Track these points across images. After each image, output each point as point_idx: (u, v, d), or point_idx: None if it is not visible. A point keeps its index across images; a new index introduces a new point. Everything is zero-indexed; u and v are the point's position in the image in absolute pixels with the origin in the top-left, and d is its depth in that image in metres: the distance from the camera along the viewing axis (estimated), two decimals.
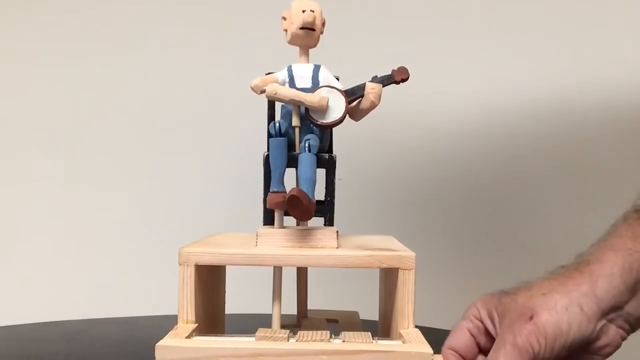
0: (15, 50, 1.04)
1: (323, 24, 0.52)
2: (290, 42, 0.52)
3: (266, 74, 0.52)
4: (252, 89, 0.50)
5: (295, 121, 0.50)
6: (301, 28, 0.50)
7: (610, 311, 0.45)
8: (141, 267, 1.02)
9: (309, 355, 0.42)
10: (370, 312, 0.64)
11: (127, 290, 1.00)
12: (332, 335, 0.45)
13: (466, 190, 1.02)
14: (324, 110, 0.49)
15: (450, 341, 0.48)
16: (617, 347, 0.46)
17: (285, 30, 0.52)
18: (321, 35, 0.52)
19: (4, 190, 1.04)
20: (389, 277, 0.53)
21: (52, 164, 1.04)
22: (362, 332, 0.46)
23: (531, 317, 0.44)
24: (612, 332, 0.45)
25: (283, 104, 0.52)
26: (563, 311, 0.44)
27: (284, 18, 0.52)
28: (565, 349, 0.44)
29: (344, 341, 0.44)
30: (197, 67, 1.03)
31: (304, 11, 0.50)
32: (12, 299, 1.00)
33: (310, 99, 0.49)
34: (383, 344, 0.44)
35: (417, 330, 0.47)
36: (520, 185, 1.02)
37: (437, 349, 0.44)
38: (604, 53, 1.00)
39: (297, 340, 0.44)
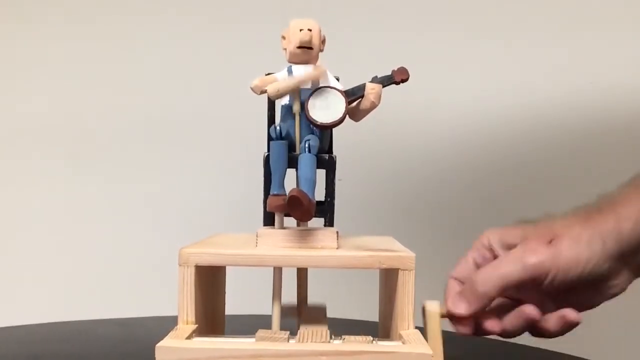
0: (16, 51, 1.04)
1: (323, 42, 0.52)
2: (290, 61, 0.53)
3: (266, 75, 0.52)
4: (252, 89, 0.50)
5: (296, 107, 0.50)
6: (298, 47, 0.51)
7: (628, 254, 0.44)
8: (141, 267, 1.02)
9: (309, 356, 0.42)
10: (370, 312, 0.64)
11: (127, 290, 1.00)
12: (332, 336, 0.45)
13: (466, 190, 1.02)
14: (324, 78, 0.49)
15: (455, 271, 0.49)
16: (623, 290, 0.46)
17: (285, 50, 0.52)
18: (320, 52, 0.53)
19: (4, 190, 1.04)
20: (389, 278, 0.53)
21: (52, 164, 1.04)
22: (363, 336, 0.46)
23: (551, 241, 0.43)
24: (624, 274, 0.45)
25: (283, 103, 0.52)
26: (585, 244, 0.43)
27: (283, 37, 0.52)
28: (576, 282, 0.43)
29: (344, 342, 0.44)
30: (197, 68, 1.03)
31: (300, 30, 0.50)
32: (13, 300, 1.00)
33: (310, 74, 0.49)
34: (383, 345, 0.43)
35: (417, 331, 0.47)
36: (520, 185, 1.02)
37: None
38: (605, 54, 1.00)
39: (297, 341, 0.44)
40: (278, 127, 0.50)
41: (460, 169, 1.02)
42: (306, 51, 0.51)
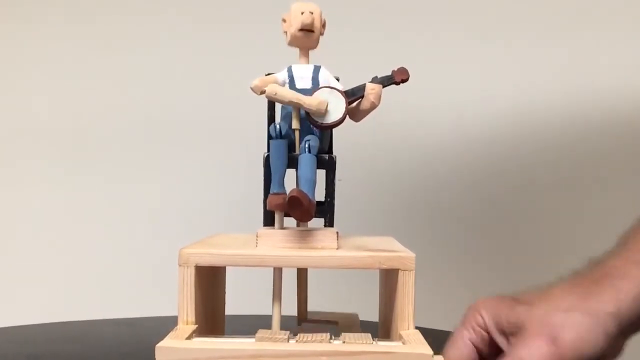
0: (16, 51, 1.04)
1: (323, 25, 0.52)
2: (290, 44, 0.52)
3: (266, 75, 0.52)
4: (252, 89, 0.50)
5: (295, 124, 0.50)
6: (300, 30, 0.51)
7: (628, 328, 0.43)
8: (141, 267, 1.02)
9: (309, 356, 0.42)
10: (370, 313, 0.64)
11: (127, 291, 1.00)
12: (332, 337, 0.45)
13: (466, 190, 1.02)
14: (322, 113, 0.49)
15: (451, 354, 0.45)
16: (620, 355, 0.45)
17: (285, 33, 0.52)
18: (321, 36, 0.52)
19: (4, 190, 1.04)
20: (389, 278, 0.53)
21: (52, 164, 1.04)
22: (362, 333, 0.46)
23: (554, 338, 0.41)
24: (620, 342, 0.44)
25: (283, 104, 0.52)
26: (587, 333, 0.41)
27: (284, 20, 0.52)
28: None
29: (344, 342, 0.44)
30: (197, 68, 1.03)
31: (302, 13, 0.50)
32: (13, 300, 1.00)
33: (309, 102, 0.48)
34: (383, 345, 0.43)
35: (417, 331, 0.47)
36: (520, 186, 1.02)
37: (437, 350, 0.44)
38: (605, 54, 1.00)
39: (297, 342, 0.44)
40: (278, 126, 0.50)
41: (460, 169, 1.02)
42: (307, 34, 0.51)
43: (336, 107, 0.49)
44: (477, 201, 1.02)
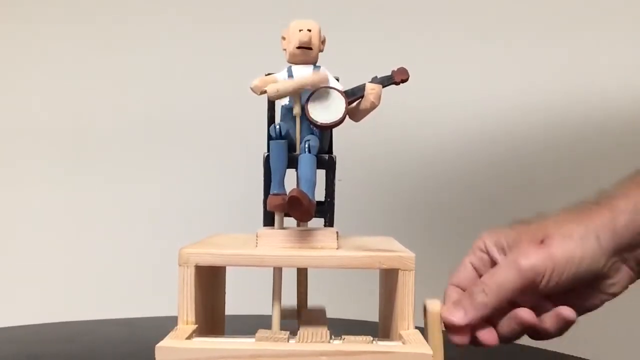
0: (15, 51, 1.04)
1: (323, 42, 0.52)
2: (289, 62, 0.53)
3: (266, 75, 0.52)
4: (252, 89, 0.50)
5: (296, 109, 0.50)
6: (298, 47, 0.51)
7: (625, 249, 0.43)
8: (141, 268, 1.02)
9: (309, 356, 0.42)
10: (370, 313, 0.64)
11: (127, 291, 1.00)
12: (332, 336, 0.45)
13: (466, 190, 1.02)
14: (325, 82, 0.49)
15: (453, 278, 0.48)
16: (625, 288, 0.44)
17: (285, 50, 0.52)
18: (320, 53, 0.53)
19: (4, 190, 1.04)
20: (389, 278, 0.53)
21: (52, 164, 1.04)
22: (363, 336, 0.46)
23: (542, 241, 0.42)
24: (623, 271, 0.44)
25: (283, 104, 0.52)
26: (578, 240, 0.42)
27: (283, 38, 0.52)
28: (573, 280, 0.42)
29: (344, 342, 0.44)
30: (197, 68, 1.03)
31: (300, 30, 0.50)
32: (13, 300, 1.00)
33: (311, 78, 0.49)
34: (383, 345, 0.43)
35: (417, 331, 0.47)
36: (520, 186, 1.02)
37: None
38: (605, 54, 1.00)
39: (297, 342, 0.44)
40: (278, 126, 0.50)
41: (460, 169, 1.02)
42: (305, 51, 0.51)
43: (336, 107, 0.49)
44: (477, 201, 1.02)
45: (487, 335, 0.46)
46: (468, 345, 0.47)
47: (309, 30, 0.51)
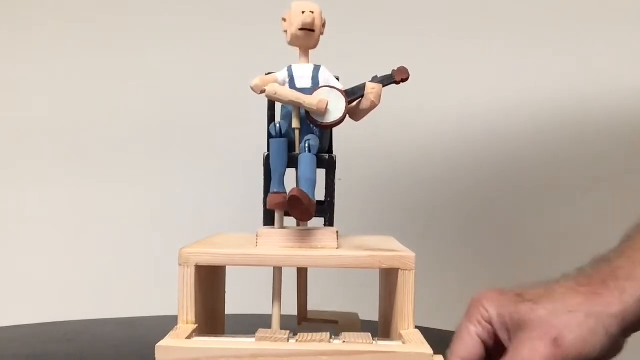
0: (16, 53, 1.04)
1: (323, 25, 0.52)
2: (290, 44, 0.52)
3: (266, 74, 0.52)
4: (252, 89, 0.50)
5: (295, 123, 0.50)
6: (300, 29, 0.50)
7: (630, 329, 0.43)
8: (141, 267, 1.02)
9: (309, 356, 0.42)
10: (370, 312, 0.64)
11: (127, 290, 1.00)
12: (332, 336, 0.45)
13: (466, 190, 1.02)
14: (322, 113, 0.49)
15: (460, 350, 0.44)
16: (620, 352, 0.44)
17: (285, 32, 0.52)
18: (321, 35, 0.52)
19: (4, 190, 1.04)
20: (389, 278, 0.53)
21: (53, 164, 1.04)
22: (362, 333, 0.46)
23: (555, 339, 0.41)
24: (621, 341, 0.43)
25: (283, 104, 0.52)
26: (589, 335, 0.41)
27: (284, 19, 0.52)
28: None
29: (344, 342, 0.44)
30: (197, 68, 1.03)
31: (303, 12, 0.50)
32: (13, 300, 1.00)
33: (309, 101, 0.48)
34: (383, 345, 0.43)
35: (417, 330, 0.47)
36: (520, 186, 1.02)
37: (437, 350, 0.44)
38: (605, 54, 1.00)
39: (297, 341, 0.44)
40: (278, 125, 0.50)
41: (460, 169, 1.02)
42: (308, 33, 0.51)
43: (336, 107, 0.49)
44: (477, 201, 1.02)
45: None
46: None
47: (312, 12, 0.50)
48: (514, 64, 1.01)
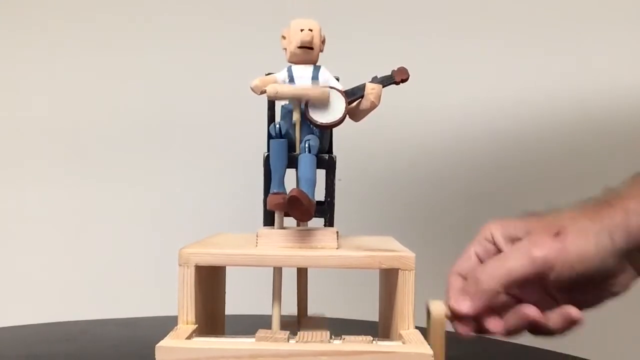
0: (16, 53, 1.04)
1: (323, 42, 0.52)
2: (290, 61, 0.53)
3: (266, 75, 0.52)
4: (252, 89, 0.50)
5: (296, 116, 0.50)
6: (299, 47, 0.51)
7: (635, 249, 0.43)
8: (141, 267, 1.02)
9: (309, 356, 0.42)
10: (370, 312, 0.64)
11: (127, 291, 1.00)
12: (332, 336, 0.45)
13: (466, 190, 1.02)
14: (326, 102, 0.49)
15: (456, 266, 0.47)
16: (627, 288, 0.44)
17: (285, 49, 0.52)
18: (320, 53, 0.52)
19: (4, 190, 1.04)
20: (389, 278, 0.53)
21: (53, 164, 1.04)
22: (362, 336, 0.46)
23: (557, 234, 0.41)
24: (627, 272, 0.43)
25: (283, 104, 0.52)
26: (592, 238, 0.41)
27: (283, 37, 0.52)
28: (582, 277, 0.42)
29: (344, 342, 0.44)
30: (197, 68, 1.03)
31: (302, 30, 0.50)
32: (13, 300, 1.00)
33: (312, 92, 0.49)
34: (383, 345, 0.43)
35: (417, 331, 0.47)
36: (520, 185, 1.02)
37: None
38: (605, 54, 1.00)
39: (297, 341, 0.44)
40: (278, 125, 0.50)
41: (460, 169, 1.02)
42: (307, 51, 0.51)
43: (336, 107, 0.49)
44: (477, 201, 1.02)
45: (494, 324, 0.45)
46: (472, 336, 0.46)
47: (310, 30, 0.51)
48: (514, 64, 1.01)
